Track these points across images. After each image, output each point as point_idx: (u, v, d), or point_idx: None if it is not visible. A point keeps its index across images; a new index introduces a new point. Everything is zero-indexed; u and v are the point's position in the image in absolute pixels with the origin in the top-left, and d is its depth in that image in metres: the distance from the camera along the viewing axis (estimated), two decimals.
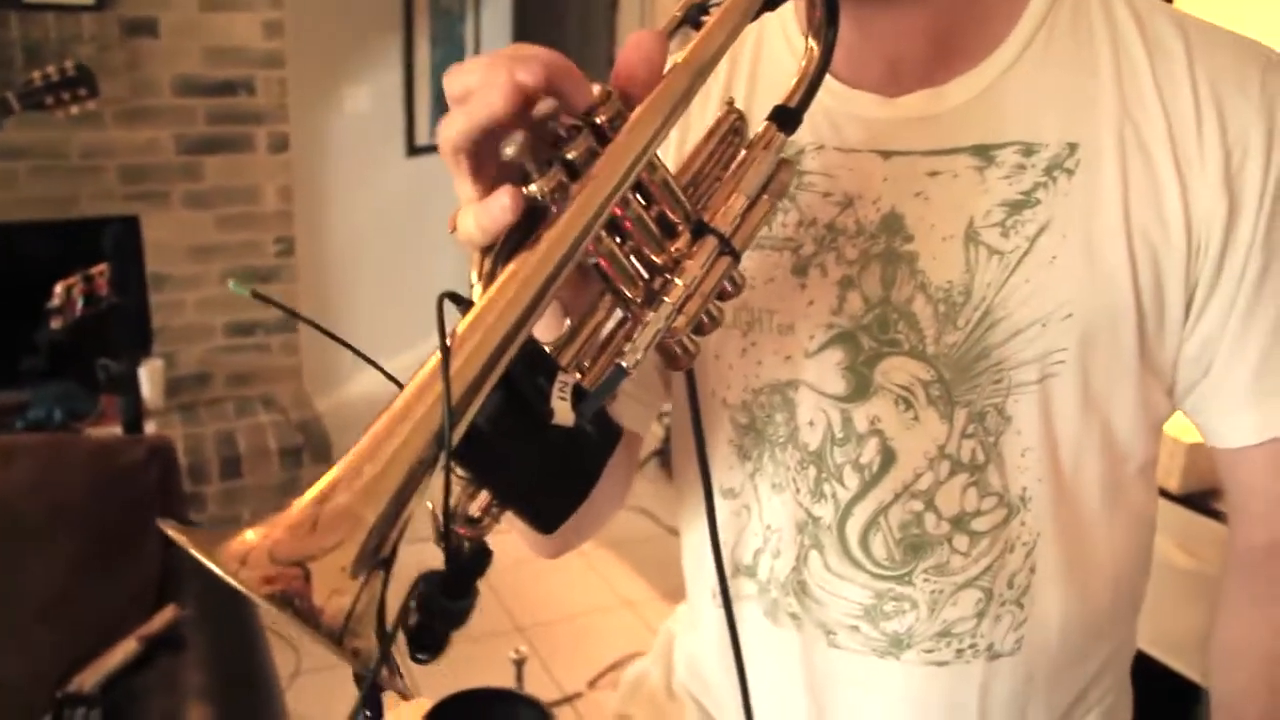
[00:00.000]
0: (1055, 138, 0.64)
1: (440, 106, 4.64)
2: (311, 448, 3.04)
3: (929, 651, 0.71)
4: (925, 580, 0.70)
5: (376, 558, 0.39)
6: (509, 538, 0.60)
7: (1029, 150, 0.65)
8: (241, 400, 3.18)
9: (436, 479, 0.41)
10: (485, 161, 0.48)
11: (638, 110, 0.48)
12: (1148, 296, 0.65)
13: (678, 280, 0.49)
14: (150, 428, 2.68)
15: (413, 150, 4.46)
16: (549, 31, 6.83)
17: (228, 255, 3.12)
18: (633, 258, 0.50)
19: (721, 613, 0.78)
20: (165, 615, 1.54)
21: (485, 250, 0.48)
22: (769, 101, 0.56)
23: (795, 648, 0.75)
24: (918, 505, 0.69)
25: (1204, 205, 0.63)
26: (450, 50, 4.73)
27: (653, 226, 0.50)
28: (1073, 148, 0.64)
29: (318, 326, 0.53)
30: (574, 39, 6.94)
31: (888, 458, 0.69)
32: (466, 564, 0.44)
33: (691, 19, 0.55)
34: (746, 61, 0.74)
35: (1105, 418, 0.68)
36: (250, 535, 0.38)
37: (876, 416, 0.69)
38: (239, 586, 0.36)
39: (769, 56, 0.73)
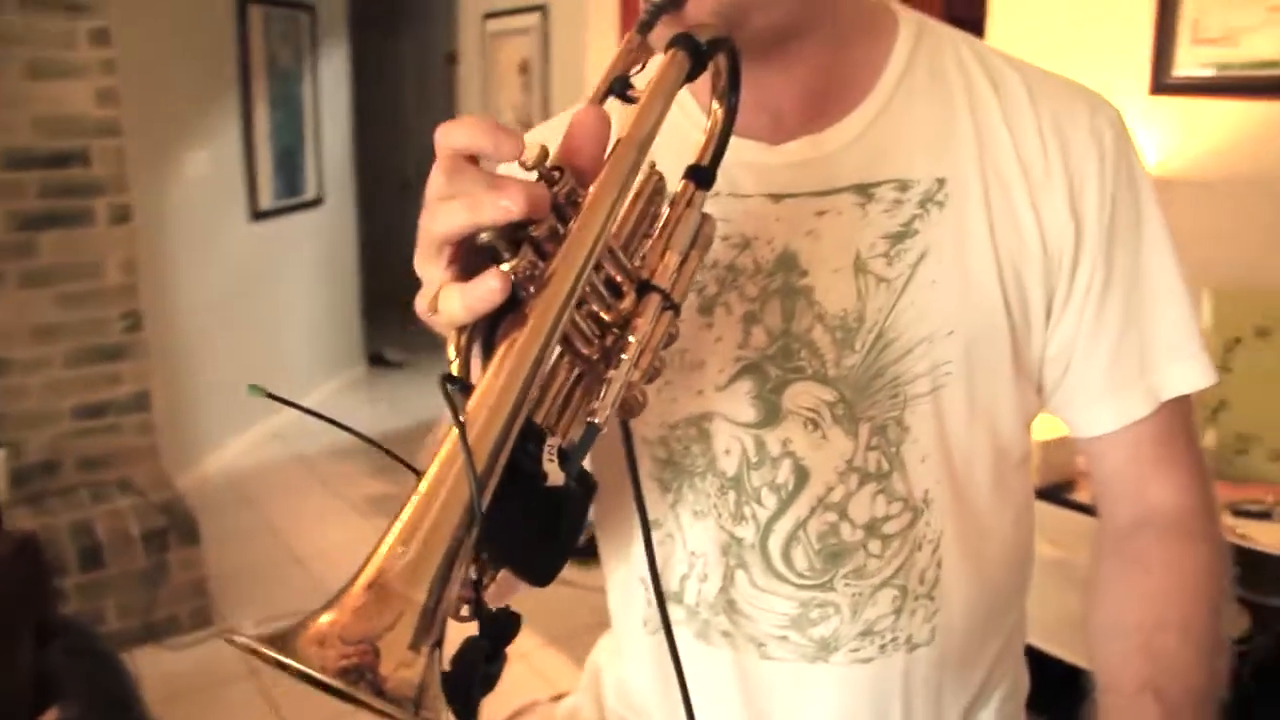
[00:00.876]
0: (925, 174, 0.72)
1: (285, 171, 4.61)
2: (177, 529, 2.92)
3: (855, 651, 0.77)
4: (846, 585, 0.76)
5: (432, 631, 0.41)
6: None
7: (904, 186, 0.72)
8: (96, 485, 3.02)
9: None
10: (458, 246, 0.51)
11: (594, 189, 0.52)
12: (1016, 309, 0.73)
13: (631, 338, 0.53)
14: None
15: (256, 215, 4.37)
16: (386, 92, 6.82)
17: (72, 334, 2.98)
18: (589, 320, 0.54)
19: (653, 640, 0.82)
20: None
21: (461, 329, 0.51)
22: (665, 161, 0.60)
23: (729, 664, 0.79)
24: (832, 516, 0.75)
25: (1055, 227, 0.72)
26: (289, 113, 4.67)
27: (603, 290, 0.54)
28: (941, 182, 0.72)
29: (359, 435, 0.54)
30: (411, 100, 6.95)
31: (801, 476, 0.74)
32: (502, 630, 0.47)
33: (616, 90, 0.59)
34: None
35: (990, 419, 0.75)
36: (321, 621, 0.40)
37: (788, 439, 0.74)
38: (322, 678, 0.38)
39: (667, 128, 0.78)
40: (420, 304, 0.54)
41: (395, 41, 6.93)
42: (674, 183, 0.61)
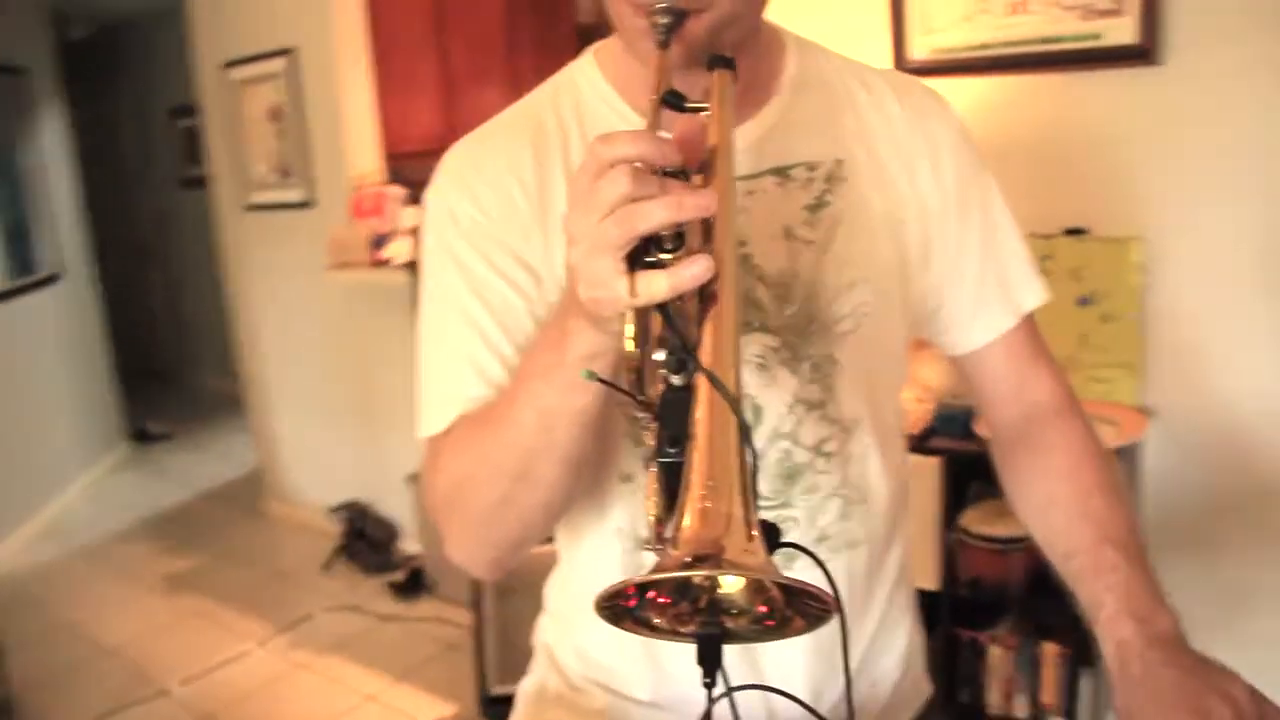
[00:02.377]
0: (827, 156, 0.88)
1: (13, 249, 4.26)
2: None
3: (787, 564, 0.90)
4: (802, 499, 0.89)
5: (754, 527, 0.54)
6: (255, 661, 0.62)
7: (812, 167, 0.88)
8: None
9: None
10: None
11: (717, 185, 0.63)
12: (902, 256, 0.90)
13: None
14: None
15: None
16: (111, 153, 6.42)
17: None
18: None
19: None
20: None
21: (642, 311, 0.62)
22: None
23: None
24: (786, 444, 0.88)
25: (924, 188, 0.90)
26: (8, 186, 4.34)
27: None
28: (840, 162, 0.88)
29: None
30: (137, 159, 6.58)
31: (757, 413, 0.87)
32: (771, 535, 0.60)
33: (669, 101, 0.70)
34: (575, 128, 0.89)
35: (893, 348, 0.92)
36: (683, 537, 0.53)
37: (744, 383, 0.87)
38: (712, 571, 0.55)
39: (599, 122, 0.89)
40: (589, 290, 0.61)
41: (114, 99, 6.54)
42: None
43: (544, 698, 1.05)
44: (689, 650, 0.90)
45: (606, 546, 0.93)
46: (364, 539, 3.83)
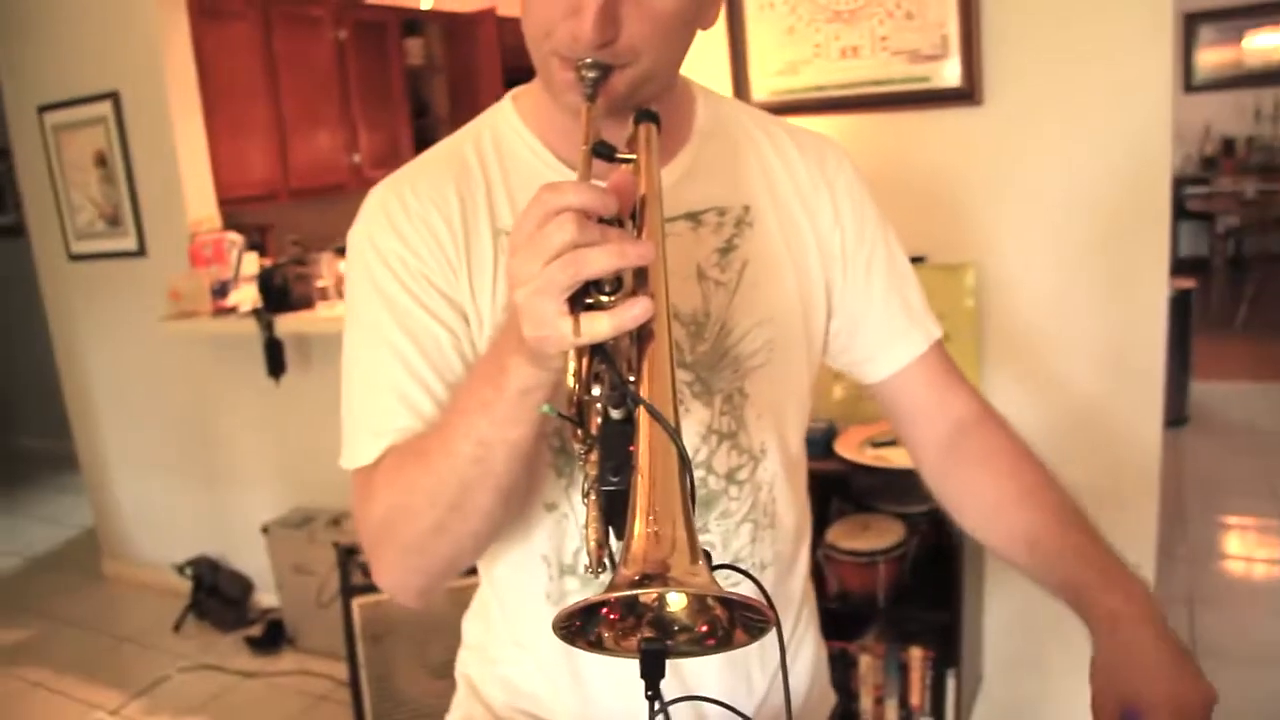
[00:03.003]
0: (735, 202, 0.94)
1: None
2: None
3: (725, 579, 0.96)
4: (716, 525, 0.95)
5: (698, 550, 0.57)
6: None
7: (721, 212, 0.94)
8: None
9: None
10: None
11: (648, 231, 0.68)
12: (805, 295, 0.98)
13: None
14: None
15: None
16: None
17: None
18: None
19: (553, 610, 0.94)
20: None
21: (582, 349, 0.65)
22: (526, 196, 0.74)
23: None
24: (701, 472, 0.93)
25: (825, 232, 0.98)
26: None
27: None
28: (747, 208, 0.95)
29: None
30: None
31: None
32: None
33: (600, 152, 0.75)
34: (497, 172, 0.93)
35: (797, 380, 0.99)
36: (632, 557, 0.56)
37: None
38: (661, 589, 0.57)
39: (521, 165, 0.93)
40: (536, 329, 0.64)
41: None
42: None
43: None
44: (613, 674, 0.95)
45: (531, 573, 0.96)
46: (216, 595, 3.67)
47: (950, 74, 2.18)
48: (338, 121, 4.55)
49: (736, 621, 0.62)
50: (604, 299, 0.63)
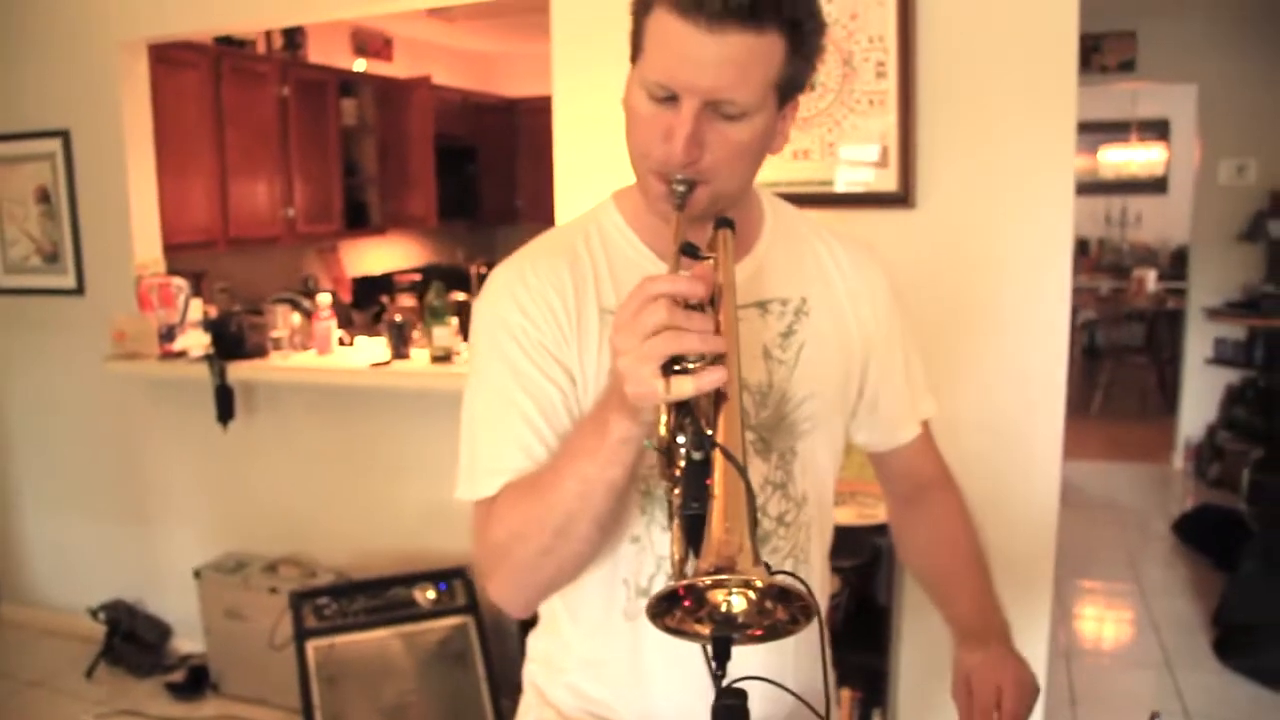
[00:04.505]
0: (795, 295, 1.17)
1: None
2: None
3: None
4: (767, 558, 1.15)
5: (759, 558, 0.77)
6: None
7: (784, 303, 1.16)
8: None
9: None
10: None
11: (724, 317, 0.88)
12: (846, 375, 1.21)
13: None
14: None
15: None
16: None
17: None
18: None
19: (629, 626, 1.13)
20: None
21: (670, 406, 0.85)
22: (632, 284, 0.92)
23: None
24: (758, 515, 1.15)
25: (864, 324, 1.21)
26: None
27: None
28: (804, 300, 1.17)
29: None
30: None
31: None
32: None
33: (686, 251, 0.96)
34: (603, 260, 1.13)
35: (836, 443, 1.22)
36: (709, 551, 0.75)
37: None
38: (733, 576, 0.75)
39: (622, 256, 1.13)
40: (635, 388, 0.84)
41: None
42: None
43: None
44: (671, 679, 1.16)
45: (613, 593, 1.14)
46: (132, 640, 3.64)
47: (889, 180, 2.50)
48: (276, 175, 4.65)
49: (786, 612, 0.82)
50: (689, 366, 0.84)
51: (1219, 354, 5.82)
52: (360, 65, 5.61)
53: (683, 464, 0.86)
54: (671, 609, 0.81)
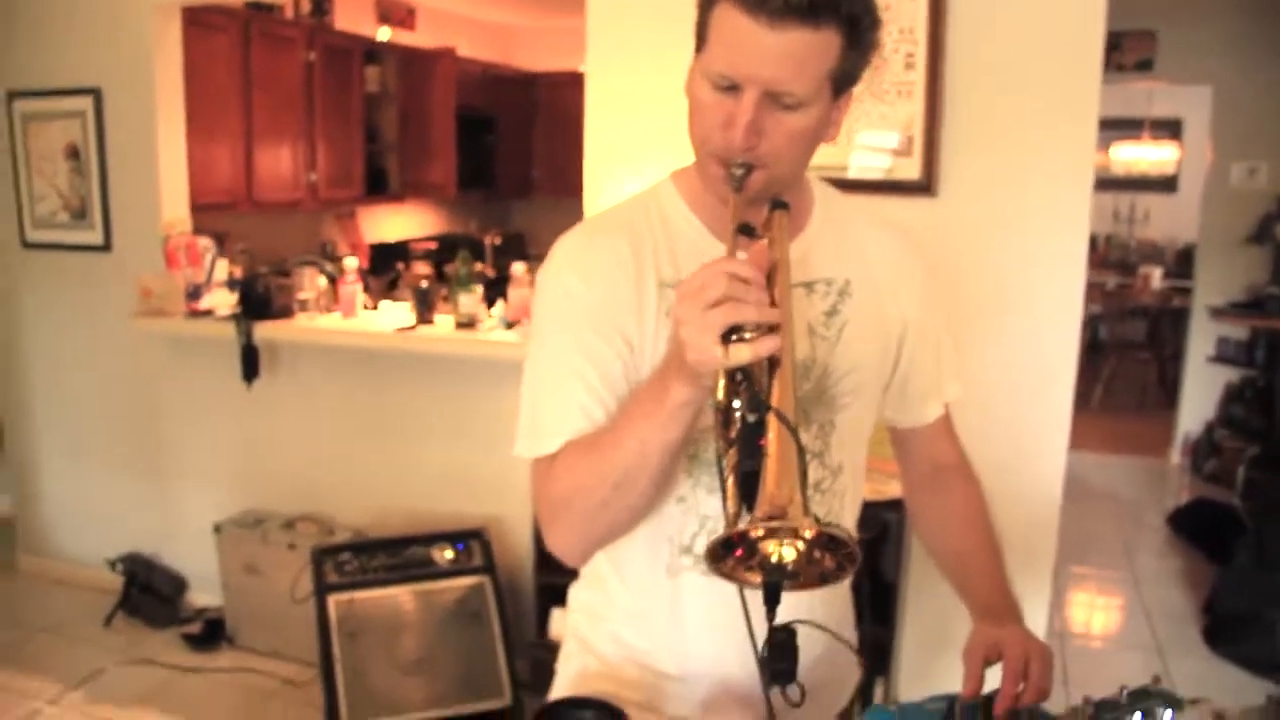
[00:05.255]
0: (839, 276, 1.23)
1: None
2: None
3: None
4: None
5: (808, 510, 0.84)
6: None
7: (829, 283, 1.22)
8: None
9: None
10: None
11: (779, 291, 0.95)
12: (886, 352, 1.27)
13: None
14: None
15: None
16: None
17: None
18: None
19: (672, 583, 1.21)
20: None
21: (728, 372, 0.92)
22: (689, 259, 1.03)
23: (730, 589, 0.98)
24: None
25: (904, 305, 1.27)
26: None
27: None
28: (848, 281, 1.23)
29: None
30: None
31: None
32: None
33: (744, 231, 1.03)
34: (662, 236, 1.19)
35: (870, 417, 1.29)
36: (764, 500, 0.83)
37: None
38: (785, 524, 0.82)
39: (679, 234, 1.19)
40: (696, 355, 0.91)
41: None
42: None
43: (586, 675, 1.31)
44: (708, 625, 1.23)
45: (657, 550, 1.22)
46: (149, 592, 3.73)
47: (912, 169, 2.56)
48: (300, 139, 4.70)
49: (830, 564, 0.90)
50: (746, 336, 0.91)
51: (1221, 353, 5.90)
52: (385, 34, 5.64)
53: (738, 426, 0.93)
54: (726, 557, 0.89)
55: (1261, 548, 3.64)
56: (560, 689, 1.34)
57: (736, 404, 0.93)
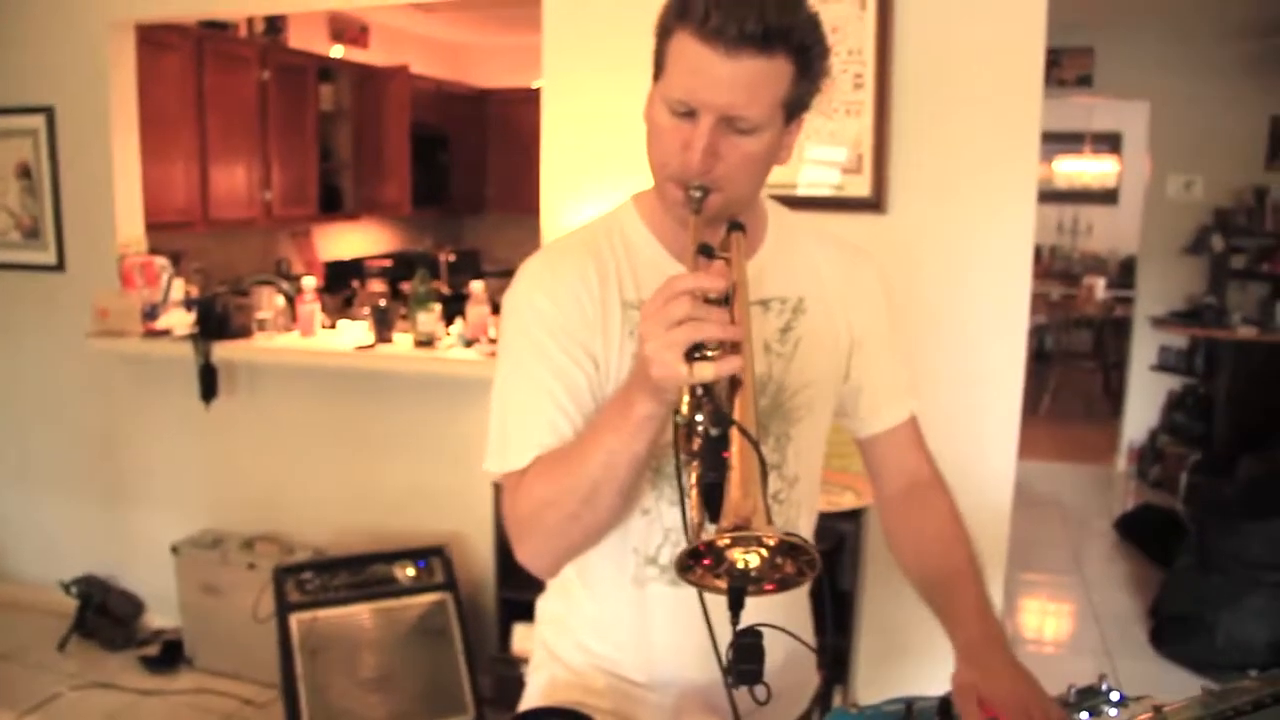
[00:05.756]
0: (792, 294, 1.28)
1: None
2: None
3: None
4: None
5: (770, 517, 0.88)
6: None
7: (783, 300, 1.27)
8: None
9: None
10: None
11: (739, 310, 0.99)
12: (836, 366, 1.32)
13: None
14: None
15: None
16: None
17: None
18: None
19: (638, 593, 1.25)
20: None
21: (692, 388, 0.95)
22: (651, 280, 1.06)
23: (694, 598, 1.03)
24: None
25: (854, 322, 1.32)
26: None
27: None
28: (801, 299, 1.28)
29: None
30: None
31: None
32: None
33: (703, 252, 1.07)
34: (624, 258, 1.23)
35: (824, 430, 1.34)
36: (729, 511, 0.87)
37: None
38: (749, 534, 0.86)
39: (641, 255, 1.24)
40: (660, 372, 0.95)
41: None
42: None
43: (555, 684, 1.34)
44: (673, 637, 1.27)
45: (623, 561, 1.25)
46: (105, 614, 3.69)
47: (862, 186, 2.64)
48: (254, 158, 4.69)
49: (792, 570, 0.93)
50: (709, 354, 0.95)
51: (1162, 361, 6.07)
52: (338, 51, 5.64)
53: (700, 439, 0.97)
54: (694, 566, 0.92)
55: (1203, 551, 3.76)
56: (530, 699, 1.38)
57: (699, 418, 0.96)
